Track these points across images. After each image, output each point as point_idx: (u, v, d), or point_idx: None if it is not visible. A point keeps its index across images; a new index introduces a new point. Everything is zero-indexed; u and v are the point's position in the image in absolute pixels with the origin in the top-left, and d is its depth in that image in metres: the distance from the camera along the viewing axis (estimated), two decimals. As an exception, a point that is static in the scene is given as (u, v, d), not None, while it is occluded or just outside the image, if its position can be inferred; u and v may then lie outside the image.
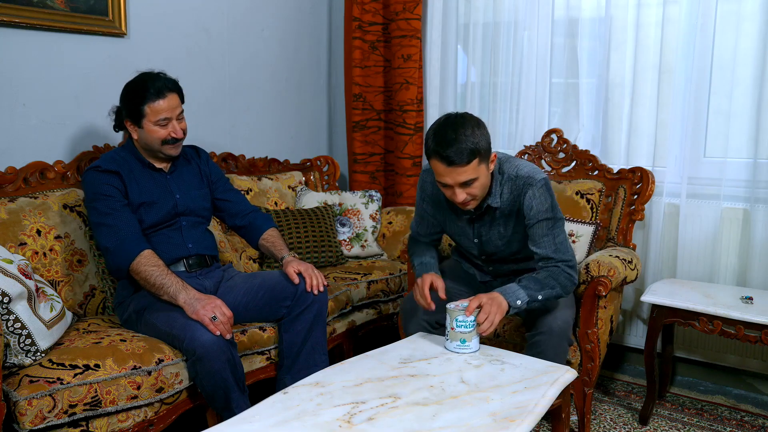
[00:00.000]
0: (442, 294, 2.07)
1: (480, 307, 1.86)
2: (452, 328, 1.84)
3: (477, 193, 1.95)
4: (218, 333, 1.91)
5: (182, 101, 2.19)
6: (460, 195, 1.92)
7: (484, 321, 1.84)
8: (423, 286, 2.08)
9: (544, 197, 1.99)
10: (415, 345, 1.93)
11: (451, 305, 1.86)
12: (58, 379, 1.71)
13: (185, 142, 2.34)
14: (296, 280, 2.18)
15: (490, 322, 1.84)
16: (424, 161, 3.25)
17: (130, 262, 2.02)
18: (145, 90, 2.09)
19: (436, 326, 2.14)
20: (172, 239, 2.20)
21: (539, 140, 2.94)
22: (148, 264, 2.02)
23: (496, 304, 1.87)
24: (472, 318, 1.83)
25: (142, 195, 2.16)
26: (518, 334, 2.28)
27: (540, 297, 1.96)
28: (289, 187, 3.20)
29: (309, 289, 2.18)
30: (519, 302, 1.92)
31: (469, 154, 1.84)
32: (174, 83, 2.16)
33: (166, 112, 2.11)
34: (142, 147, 2.20)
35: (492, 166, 1.97)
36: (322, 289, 2.20)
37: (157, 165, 2.24)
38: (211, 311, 1.93)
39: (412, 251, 2.31)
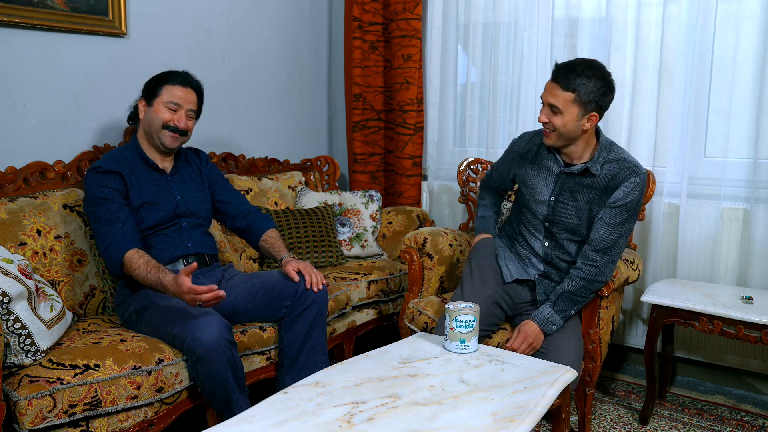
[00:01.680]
0: None
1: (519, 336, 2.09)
2: (452, 328, 1.84)
3: (557, 125, 2.02)
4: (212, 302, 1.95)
5: (200, 107, 2.28)
6: (543, 115, 2.05)
7: (515, 346, 2.06)
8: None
9: (637, 190, 2.06)
10: (415, 345, 1.93)
11: (450, 305, 1.86)
12: (58, 379, 1.71)
13: (186, 144, 2.35)
14: (296, 278, 2.18)
15: (521, 350, 2.05)
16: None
17: (119, 264, 2.05)
18: (170, 75, 2.22)
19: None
20: (172, 239, 2.21)
21: (539, 140, 2.94)
22: (133, 266, 2.04)
23: (532, 337, 2.07)
24: (471, 318, 1.83)
25: (143, 195, 2.17)
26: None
27: (573, 311, 2.14)
28: (289, 187, 3.20)
29: (308, 287, 2.18)
30: (554, 327, 2.10)
31: (571, 85, 1.98)
32: (199, 85, 2.27)
33: (180, 99, 2.20)
34: (145, 132, 2.23)
35: (587, 125, 2.04)
36: (321, 287, 2.20)
37: (160, 165, 2.25)
38: (193, 302, 1.95)
39: (482, 197, 2.51)
